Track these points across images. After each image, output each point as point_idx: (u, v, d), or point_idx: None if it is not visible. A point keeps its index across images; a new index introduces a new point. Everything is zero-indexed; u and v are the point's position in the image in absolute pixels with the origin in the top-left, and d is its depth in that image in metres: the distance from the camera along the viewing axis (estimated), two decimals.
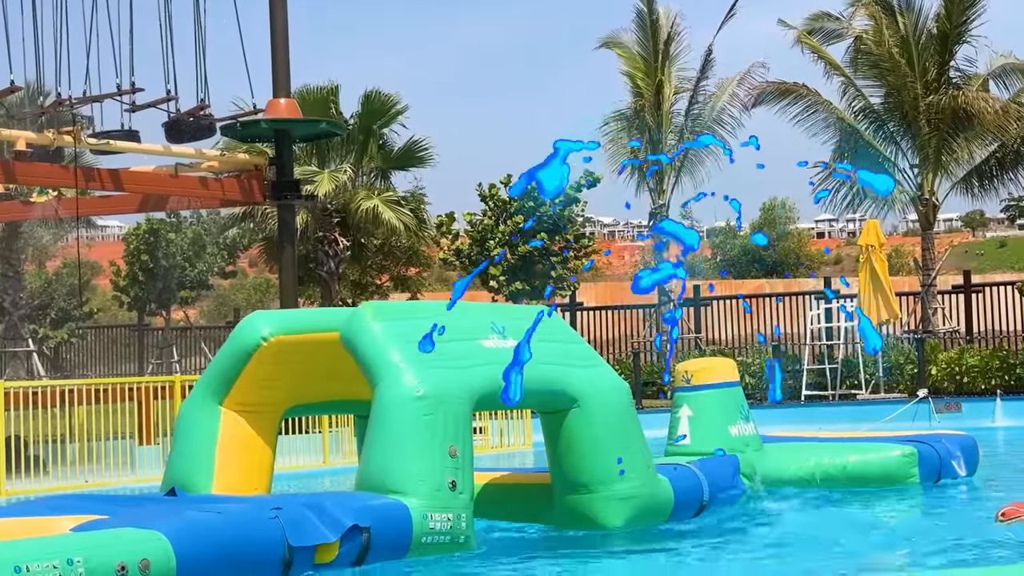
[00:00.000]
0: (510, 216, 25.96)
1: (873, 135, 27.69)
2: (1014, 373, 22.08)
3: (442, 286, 56.92)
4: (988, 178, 27.90)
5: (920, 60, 26.66)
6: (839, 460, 11.82)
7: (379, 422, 8.29)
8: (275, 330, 9.17)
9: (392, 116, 28.19)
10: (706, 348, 27.06)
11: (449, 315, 9.18)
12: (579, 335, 10.16)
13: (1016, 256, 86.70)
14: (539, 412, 9.57)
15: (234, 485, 9.15)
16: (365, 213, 26.53)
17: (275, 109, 18.82)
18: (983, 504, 10.94)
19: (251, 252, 37.99)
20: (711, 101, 28.43)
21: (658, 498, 9.46)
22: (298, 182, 20.12)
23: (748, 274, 49.29)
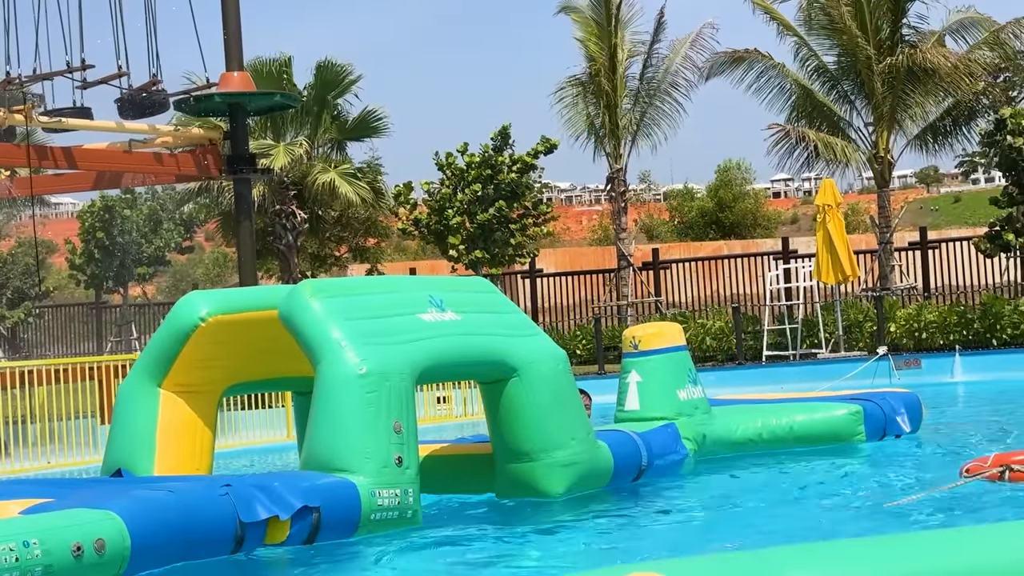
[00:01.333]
0: (468, 185, 25.91)
1: (827, 94, 27.78)
2: (972, 328, 22.30)
3: (401, 256, 56.83)
4: (942, 134, 28.08)
5: (872, 19, 26.73)
6: (786, 421, 11.93)
7: (323, 401, 8.28)
8: (213, 310, 9.14)
9: (346, 86, 28.04)
10: (667, 311, 27.16)
11: (387, 290, 9.22)
12: (516, 305, 10.20)
13: (971, 211, 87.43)
14: (479, 383, 9.62)
15: (175, 467, 9.12)
16: (322, 186, 26.43)
17: (228, 82, 18.67)
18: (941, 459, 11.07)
19: (208, 227, 37.77)
20: (664, 64, 28.44)
21: (598, 464, 9.58)
22: (253, 156, 20.00)
23: (706, 236, 49.39)
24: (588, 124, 28.26)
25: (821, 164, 27.59)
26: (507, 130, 26.39)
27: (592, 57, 27.93)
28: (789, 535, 7.53)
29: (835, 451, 11.72)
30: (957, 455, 10.89)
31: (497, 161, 25.98)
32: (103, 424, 16.16)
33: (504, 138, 26.33)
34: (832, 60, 27.55)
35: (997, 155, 24.46)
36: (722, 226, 51.13)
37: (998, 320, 22.13)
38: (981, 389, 19.83)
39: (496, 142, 26.31)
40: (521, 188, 26.06)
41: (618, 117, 27.99)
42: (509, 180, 25.80)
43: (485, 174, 25.84)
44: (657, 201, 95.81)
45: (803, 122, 27.77)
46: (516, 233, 26.07)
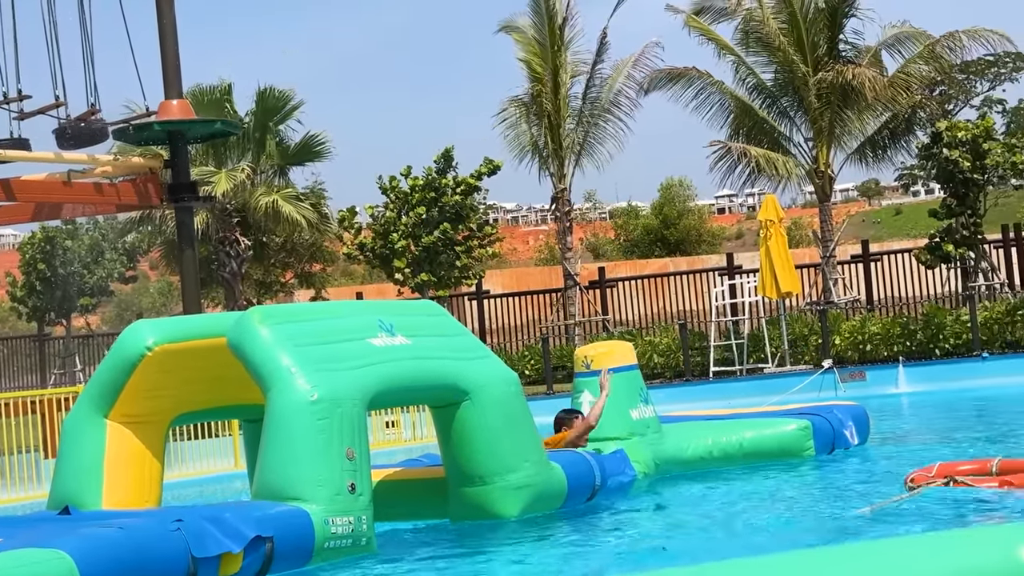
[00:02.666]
0: (412, 208, 25.88)
1: (767, 111, 28.04)
2: (915, 339, 22.53)
3: (348, 281, 56.66)
4: (881, 148, 28.41)
5: (809, 35, 27.02)
6: (736, 437, 11.97)
7: (274, 429, 8.21)
8: (159, 339, 9.03)
9: (288, 112, 27.96)
10: (614, 330, 27.23)
11: (337, 316, 9.17)
12: (465, 328, 10.17)
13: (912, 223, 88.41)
14: (430, 407, 9.58)
15: (124, 499, 8.99)
16: (265, 209, 26.30)
17: (168, 111, 18.54)
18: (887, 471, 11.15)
19: (152, 255, 37.46)
20: (607, 84, 28.58)
21: (552, 486, 9.57)
22: (195, 183, 19.88)
23: (652, 254, 49.65)
24: (532, 144, 28.35)
25: (763, 180, 27.82)
26: (450, 152, 26.40)
27: (535, 78, 28.03)
28: (739, 551, 7.54)
29: (784, 466, 11.77)
30: (904, 466, 10.97)
31: (441, 183, 25.98)
32: (47, 458, 15.96)
33: (447, 160, 26.34)
34: (770, 77, 27.83)
35: (934, 168, 24.76)
36: (667, 243, 51.44)
37: (940, 330, 22.38)
38: (925, 399, 20.03)
39: (439, 165, 26.31)
40: (465, 210, 26.06)
41: (561, 137, 28.09)
42: (453, 202, 25.80)
43: (429, 197, 25.83)
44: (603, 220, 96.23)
45: (744, 138, 28.00)
46: (462, 255, 26.07)
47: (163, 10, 18.68)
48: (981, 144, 23.92)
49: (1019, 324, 22.25)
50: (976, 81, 58.93)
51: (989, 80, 60.72)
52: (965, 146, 23.93)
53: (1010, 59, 58.10)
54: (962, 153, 23.84)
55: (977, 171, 23.93)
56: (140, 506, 8.99)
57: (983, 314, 22.37)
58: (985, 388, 20.11)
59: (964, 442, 13.53)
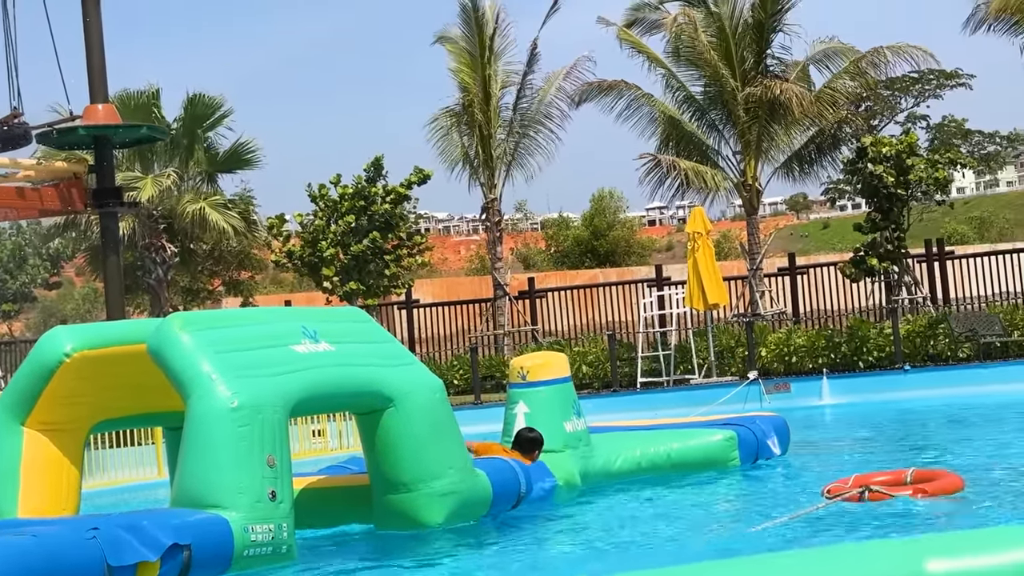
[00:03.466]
0: (341, 216, 25.77)
1: (696, 124, 28.25)
2: (839, 351, 22.78)
3: (277, 288, 56.27)
4: (808, 162, 28.73)
5: (738, 50, 27.28)
6: (663, 448, 12.08)
7: (194, 435, 8.13)
8: (78, 345, 8.91)
9: (217, 120, 27.77)
10: (543, 340, 27.28)
11: (259, 322, 9.10)
12: (391, 335, 10.14)
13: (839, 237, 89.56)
14: (355, 414, 9.53)
15: (40, 507, 8.85)
16: (192, 216, 26.07)
17: (93, 115, 18.30)
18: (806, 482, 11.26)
19: (77, 261, 36.99)
20: (539, 95, 28.66)
21: (476, 493, 9.55)
22: (120, 188, 19.65)
23: (582, 264, 49.82)
24: (463, 154, 28.37)
25: (692, 192, 28.03)
26: (380, 161, 26.33)
27: (466, 88, 28.04)
28: (661, 559, 7.58)
29: (710, 477, 11.86)
30: (824, 477, 11.09)
31: (370, 192, 25.89)
32: None
33: (377, 169, 26.26)
34: (699, 90, 28.06)
35: (859, 182, 25.08)
36: (597, 255, 51.66)
37: (864, 343, 22.66)
38: (848, 411, 20.26)
39: (369, 173, 26.23)
40: (395, 219, 25.99)
41: (492, 147, 28.12)
42: (383, 211, 25.72)
43: (358, 205, 25.73)
44: (534, 230, 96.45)
45: (674, 151, 28.19)
46: (391, 264, 25.99)
47: (89, 13, 18.45)
48: (905, 160, 24.27)
49: (940, 338, 22.60)
50: (901, 97, 59.91)
51: (914, 96, 61.74)
52: (889, 161, 24.27)
53: (934, 76, 59.14)
54: (886, 168, 24.17)
55: (901, 186, 24.27)
56: (57, 514, 8.86)
57: (905, 328, 22.69)
58: (906, 400, 20.39)
59: (884, 453, 13.71)
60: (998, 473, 10.77)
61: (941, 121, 71.63)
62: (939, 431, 16.60)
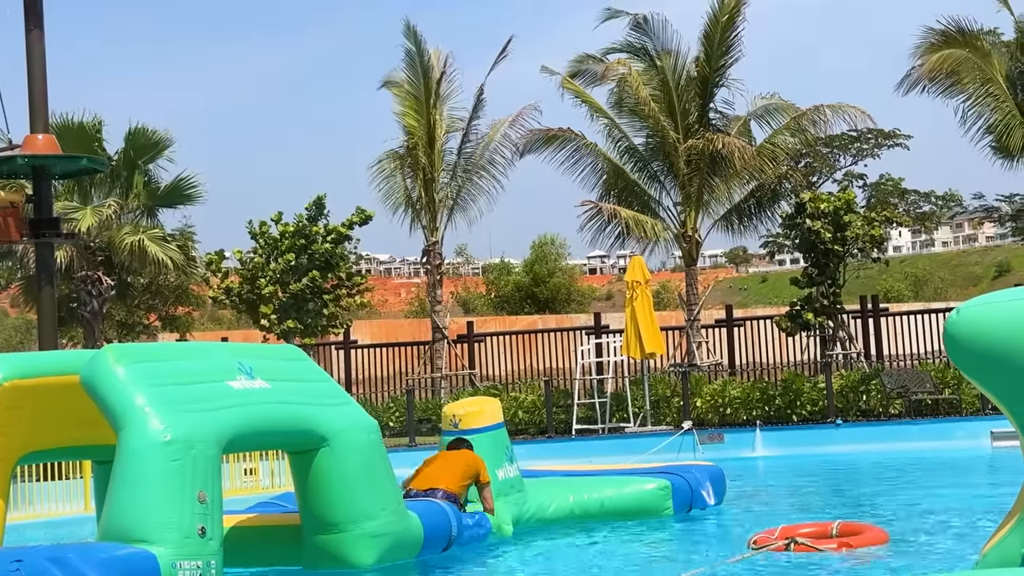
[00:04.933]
0: (281, 254, 25.67)
1: (638, 174, 28.47)
2: (773, 404, 22.97)
3: (214, 325, 55.86)
4: (748, 216, 29.01)
5: (681, 102, 27.58)
6: (597, 495, 12.08)
7: (124, 468, 8.05)
8: (9, 374, 8.80)
9: (158, 152, 27.61)
10: (480, 384, 27.26)
11: (195, 356, 9.05)
12: (327, 374, 10.12)
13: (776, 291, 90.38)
14: (288, 452, 9.49)
15: None
16: (130, 248, 25.85)
17: (33, 145, 18.19)
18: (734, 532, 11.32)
19: (11, 291, 36.48)
20: (483, 141, 28.79)
21: (408, 534, 9.54)
22: (58, 219, 19.50)
23: (522, 310, 49.91)
24: (405, 197, 28.39)
25: (633, 241, 28.18)
26: (322, 200, 26.28)
27: (410, 131, 28.12)
28: None
29: (641, 525, 11.88)
30: (752, 528, 11.16)
31: (311, 231, 25.82)
32: None
33: (319, 208, 26.21)
34: (641, 141, 28.32)
35: (797, 237, 25.38)
36: (537, 301, 51.78)
37: (798, 397, 22.87)
38: (780, 463, 20.42)
39: (311, 212, 26.17)
40: (335, 258, 25.92)
41: (435, 191, 28.19)
42: (323, 250, 25.66)
43: (299, 244, 25.65)
44: (475, 275, 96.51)
45: (615, 200, 28.37)
46: (329, 303, 25.90)
47: (31, 42, 18.36)
48: (842, 216, 24.61)
49: (873, 393, 22.86)
50: (839, 155, 60.77)
51: (852, 155, 62.65)
52: (827, 217, 24.60)
53: (872, 135, 60.06)
54: (824, 224, 24.49)
55: (838, 242, 24.59)
56: None
57: (839, 382, 22.93)
58: (838, 454, 20.60)
59: (814, 505, 13.81)
60: (923, 527, 10.90)
61: (878, 180, 72.73)
62: (868, 485, 16.76)
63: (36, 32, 18.40)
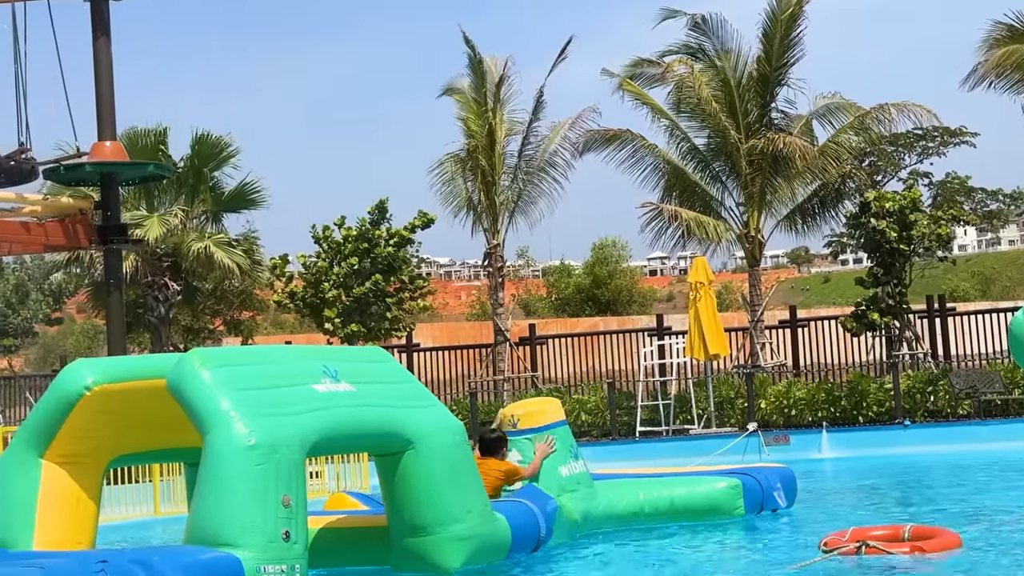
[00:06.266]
0: (344, 258, 25.82)
1: (699, 174, 28.34)
2: (839, 405, 22.76)
3: (277, 330, 56.28)
4: (811, 216, 28.77)
5: (742, 102, 27.42)
6: (667, 494, 12.01)
7: (210, 473, 8.09)
8: (99, 378, 8.88)
9: (224, 159, 27.85)
10: (543, 387, 27.25)
11: (279, 360, 9.08)
12: (413, 376, 10.12)
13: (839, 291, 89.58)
14: (374, 455, 9.49)
15: (57, 540, 8.81)
16: (197, 254, 26.11)
17: (100, 152, 18.42)
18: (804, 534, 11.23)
19: (78, 298, 37.02)
20: (544, 143, 28.80)
21: (495, 537, 9.47)
22: (125, 226, 19.73)
23: (583, 312, 49.83)
24: (466, 200, 28.47)
25: (694, 243, 28.05)
26: (384, 204, 26.41)
27: (471, 135, 28.19)
28: None
29: (713, 525, 11.82)
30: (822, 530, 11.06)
31: (374, 235, 25.95)
32: None
33: (381, 212, 26.34)
34: (703, 142, 28.17)
35: (862, 237, 25.14)
36: (598, 303, 51.67)
37: (864, 398, 22.64)
38: (847, 465, 20.23)
39: (373, 216, 26.30)
40: (398, 262, 26.04)
41: (495, 194, 28.22)
42: (386, 254, 25.77)
43: (362, 248, 25.79)
44: (535, 277, 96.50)
45: (676, 201, 28.25)
46: (392, 307, 26.00)
47: (98, 51, 18.61)
48: (908, 215, 24.35)
49: (940, 393, 22.58)
50: (904, 154, 60.13)
51: (917, 154, 61.97)
52: (892, 217, 24.35)
53: (938, 133, 59.38)
54: (889, 224, 24.25)
55: (903, 242, 24.34)
56: (73, 548, 8.79)
57: (906, 383, 22.68)
58: (906, 456, 20.37)
59: (882, 507, 13.67)
60: (996, 531, 10.74)
61: (944, 178, 71.85)
62: (938, 487, 16.55)
63: (103, 40, 18.65)
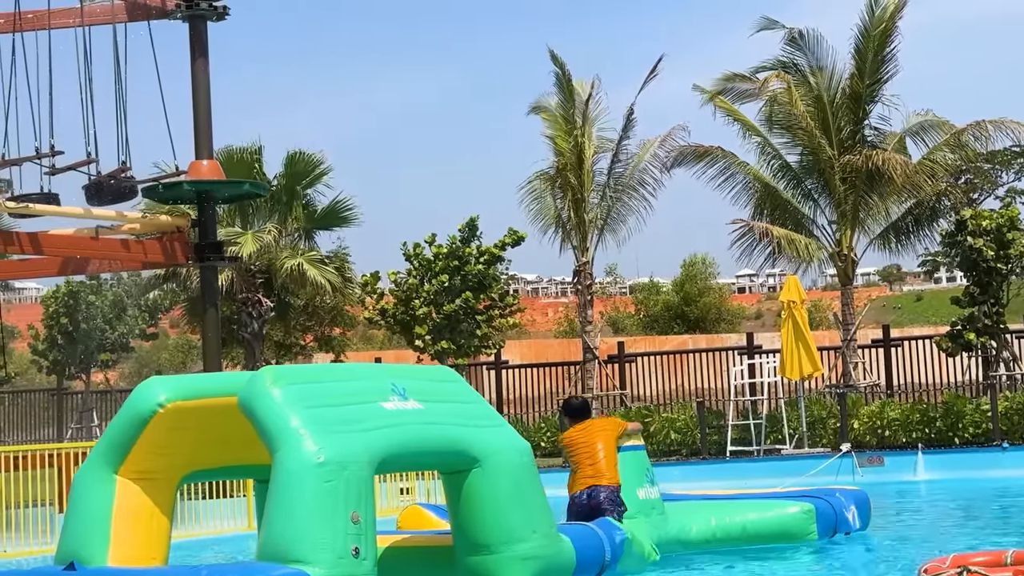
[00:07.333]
0: (435, 275, 25.98)
1: (791, 192, 28.09)
2: (934, 426, 22.38)
3: (367, 346, 56.71)
4: (905, 234, 28.36)
5: (835, 119, 27.15)
6: (739, 519, 11.93)
7: (280, 489, 8.18)
8: (172, 396, 9.03)
9: (316, 176, 28.16)
10: (631, 405, 27.15)
11: (349, 377, 9.18)
12: (480, 395, 10.18)
13: (932, 310, 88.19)
14: (441, 473, 9.55)
15: (131, 556, 8.94)
16: (289, 271, 26.43)
17: (197, 171, 18.72)
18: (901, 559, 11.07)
19: (173, 313, 37.61)
20: (633, 161, 28.74)
21: (560, 558, 9.49)
22: (221, 243, 20.01)
23: (671, 330, 49.59)
24: (555, 217, 28.50)
25: (784, 260, 27.80)
26: (475, 222, 26.54)
27: (560, 152, 28.23)
28: None
29: (787, 550, 11.70)
30: (917, 554, 10.90)
31: (464, 252, 26.09)
32: (61, 512, 15.96)
33: (472, 230, 26.47)
34: (795, 159, 27.92)
35: (958, 255, 24.75)
36: (687, 320, 51.39)
37: (960, 419, 22.24)
38: (943, 487, 19.88)
39: (464, 233, 26.44)
40: (488, 279, 26.14)
41: (584, 211, 28.22)
42: (476, 271, 25.89)
43: (452, 265, 25.93)
44: (623, 295, 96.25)
45: (767, 218, 28.03)
46: (482, 324, 26.11)
47: (197, 71, 18.93)
48: (1005, 234, 23.93)
49: None
50: (1001, 171, 59.01)
51: (1015, 171, 60.79)
52: (989, 235, 23.95)
53: None
54: (986, 242, 23.85)
55: (1001, 260, 23.93)
56: (146, 564, 8.96)
57: (1003, 404, 22.24)
58: (1004, 479, 19.97)
59: (981, 532, 13.42)
60: None
61: None
62: None
63: (201, 61, 18.97)
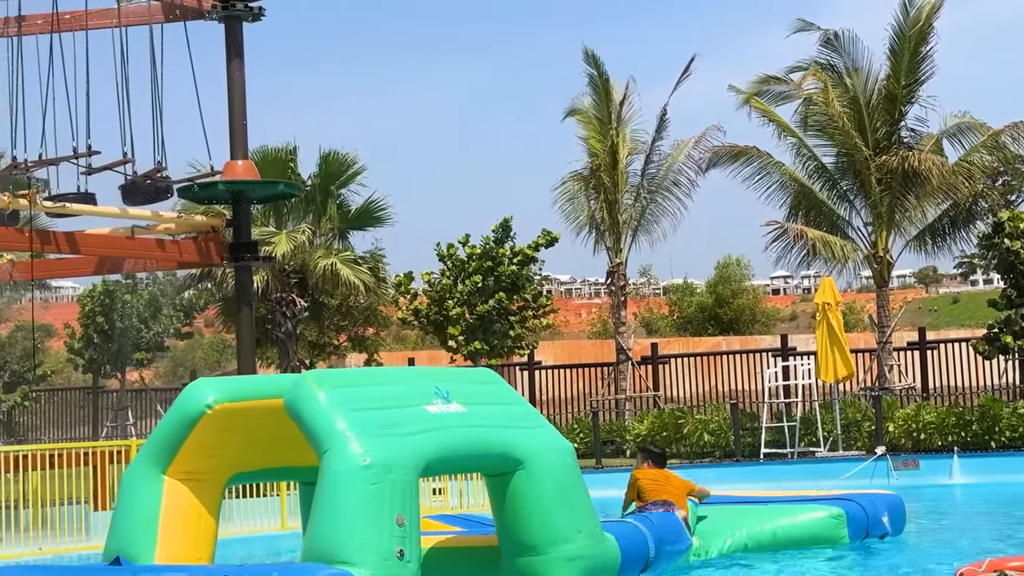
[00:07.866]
0: (468, 276, 25.99)
1: (826, 193, 27.96)
2: (970, 430, 22.21)
3: (400, 346, 56.82)
4: (941, 235, 28.19)
5: (871, 121, 27.01)
6: (769, 525, 11.93)
7: (326, 492, 8.23)
8: (220, 397, 9.10)
9: (350, 176, 28.22)
10: (664, 406, 27.09)
11: (393, 381, 9.22)
12: (522, 397, 10.20)
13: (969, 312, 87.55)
14: (485, 475, 9.58)
15: (177, 555, 9.03)
16: (324, 271, 26.50)
17: (232, 171, 18.77)
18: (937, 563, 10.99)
19: (208, 312, 37.77)
20: (667, 162, 28.69)
21: (605, 557, 9.52)
22: (256, 243, 20.06)
23: (705, 331, 49.41)
24: (589, 218, 28.48)
25: (819, 262, 27.68)
26: (508, 222, 26.54)
27: (594, 153, 28.22)
28: None
29: (820, 554, 11.65)
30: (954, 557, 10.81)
31: (498, 253, 26.09)
32: (96, 511, 16.06)
33: (505, 230, 26.47)
34: (831, 160, 27.79)
35: (995, 258, 24.56)
36: (721, 322, 51.18)
37: (996, 422, 22.06)
38: (979, 491, 19.73)
39: (497, 234, 26.45)
40: (521, 280, 26.14)
41: (618, 212, 28.19)
42: (509, 272, 25.89)
43: (486, 266, 25.94)
44: (657, 296, 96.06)
45: (802, 219, 27.91)
46: (515, 325, 26.10)
47: (232, 72, 19.00)
48: None
49: None
50: None
51: None
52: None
53: None
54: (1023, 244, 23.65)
55: None
56: (193, 562, 9.02)
57: None
58: None
59: (1018, 536, 13.31)
60: None
61: None
62: None
63: (236, 62, 19.02)
